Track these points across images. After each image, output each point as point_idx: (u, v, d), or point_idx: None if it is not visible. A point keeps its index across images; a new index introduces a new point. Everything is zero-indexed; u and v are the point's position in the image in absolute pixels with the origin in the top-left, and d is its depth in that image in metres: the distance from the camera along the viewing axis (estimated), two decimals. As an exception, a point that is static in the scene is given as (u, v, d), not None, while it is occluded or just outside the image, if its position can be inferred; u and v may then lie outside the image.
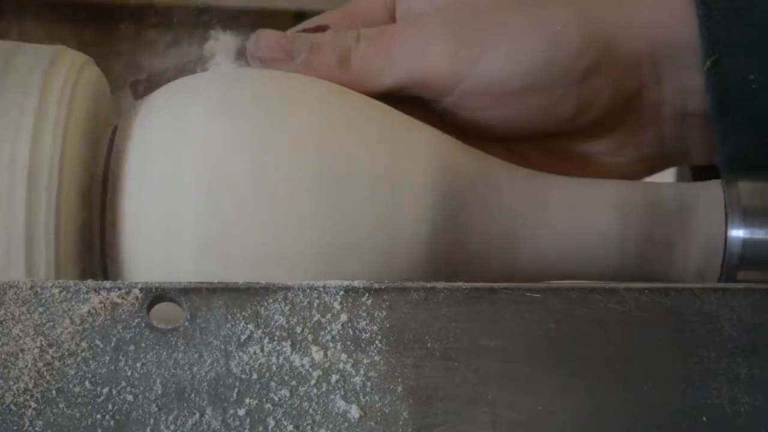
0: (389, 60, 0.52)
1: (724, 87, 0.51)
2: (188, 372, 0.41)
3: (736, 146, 0.53)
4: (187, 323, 0.42)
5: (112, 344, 0.42)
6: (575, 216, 0.51)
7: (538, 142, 0.56)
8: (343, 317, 0.43)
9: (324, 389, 0.42)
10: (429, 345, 0.43)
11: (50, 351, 0.41)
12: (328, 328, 0.43)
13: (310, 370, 0.42)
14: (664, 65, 0.53)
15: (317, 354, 0.42)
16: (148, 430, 0.41)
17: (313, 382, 0.42)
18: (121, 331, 0.42)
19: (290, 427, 0.41)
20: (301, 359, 0.42)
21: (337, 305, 0.43)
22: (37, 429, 0.40)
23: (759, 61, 0.51)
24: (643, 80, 0.54)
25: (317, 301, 0.43)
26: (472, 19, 0.52)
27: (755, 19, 0.51)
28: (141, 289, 0.42)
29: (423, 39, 0.52)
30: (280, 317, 0.42)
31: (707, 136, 0.55)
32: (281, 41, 0.53)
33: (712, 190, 0.51)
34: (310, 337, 0.42)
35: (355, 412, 0.41)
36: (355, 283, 0.43)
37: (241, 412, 0.41)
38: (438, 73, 0.52)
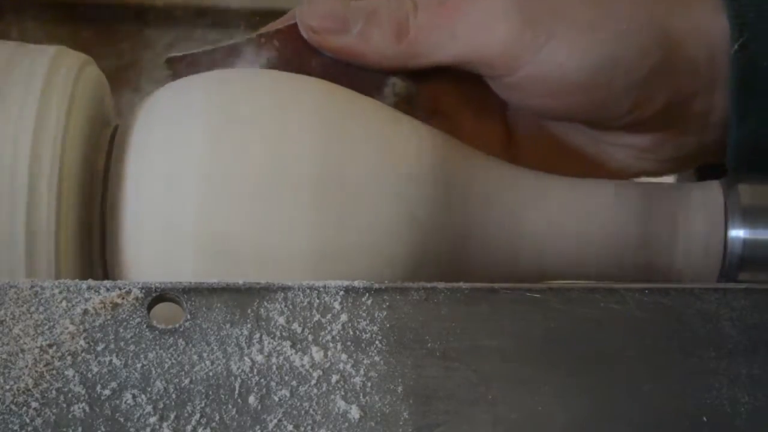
0: (450, 34, 0.51)
1: (748, 70, 0.51)
2: (188, 372, 0.41)
3: (750, 130, 0.52)
4: (187, 323, 0.42)
5: (113, 344, 0.42)
6: (576, 217, 0.51)
7: (581, 130, 0.55)
8: (343, 317, 0.43)
9: (324, 389, 0.42)
10: (429, 345, 0.43)
11: (50, 351, 0.41)
12: (328, 328, 0.43)
13: (310, 370, 0.42)
14: (720, 73, 0.52)
15: (317, 354, 0.42)
16: (149, 430, 0.41)
17: (313, 382, 0.42)
18: (121, 331, 0.42)
19: (290, 427, 0.41)
20: (301, 359, 0.42)
21: (337, 305, 0.43)
22: (37, 429, 0.40)
23: None
24: (699, 87, 0.52)
25: (317, 301, 0.43)
26: (542, 1, 0.51)
27: None
28: (141, 289, 0.42)
29: (488, 15, 0.50)
30: (280, 317, 0.42)
31: None
32: (336, 10, 0.51)
33: (713, 191, 0.51)
34: (310, 337, 0.42)
35: (355, 412, 0.41)
36: (355, 283, 0.43)
37: (242, 412, 0.41)
38: (499, 55, 0.51)
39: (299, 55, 0.52)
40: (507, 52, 0.51)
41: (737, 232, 0.50)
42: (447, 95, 0.55)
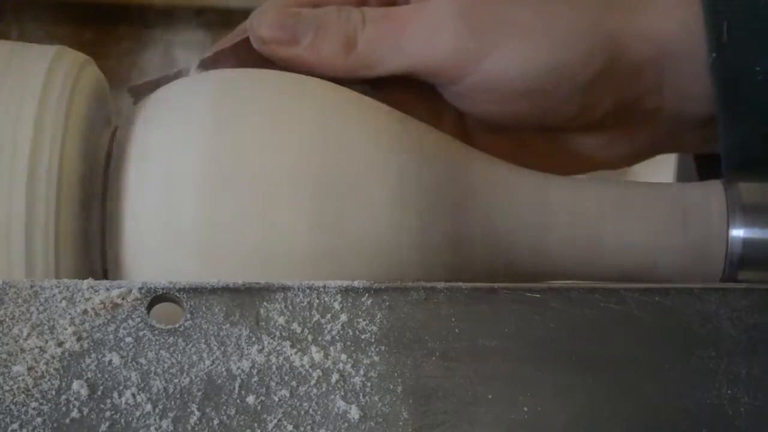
0: (396, 47, 0.52)
1: (728, 78, 0.51)
2: (188, 372, 0.41)
3: (738, 138, 0.52)
4: (186, 323, 0.42)
5: (112, 344, 0.42)
6: (575, 216, 0.51)
7: (536, 132, 0.56)
8: (343, 317, 0.43)
9: (324, 389, 0.42)
10: (429, 345, 0.43)
11: (50, 351, 0.41)
12: (328, 328, 0.43)
13: (310, 370, 0.42)
14: (667, 72, 0.53)
15: (317, 354, 0.42)
16: (148, 430, 0.41)
17: (312, 382, 0.42)
18: (121, 330, 0.42)
19: (290, 428, 0.41)
20: (301, 359, 0.42)
21: (336, 305, 0.43)
22: (37, 429, 0.40)
23: (764, 53, 0.51)
24: (646, 87, 0.53)
25: (317, 301, 0.43)
26: (485, 9, 0.52)
27: (761, 9, 0.51)
28: (141, 289, 0.42)
29: (433, 28, 0.51)
30: (280, 317, 0.42)
31: (699, 134, 0.55)
32: (286, 22, 0.52)
33: (713, 190, 0.51)
34: (309, 338, 0.42)
35: (355, 412, 0.41)
36: (355, 283, 0.43)
37: (241, 412, 0.41)
38: (445, 65, 0.52)
39: (256, 67, 0.52)
40: (451, 63, 0.52)
41: (738, 232, 0.50)
42: (404, 100, 0.55)
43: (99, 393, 0.41)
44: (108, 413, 0.41)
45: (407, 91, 0.54)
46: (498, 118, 0.54)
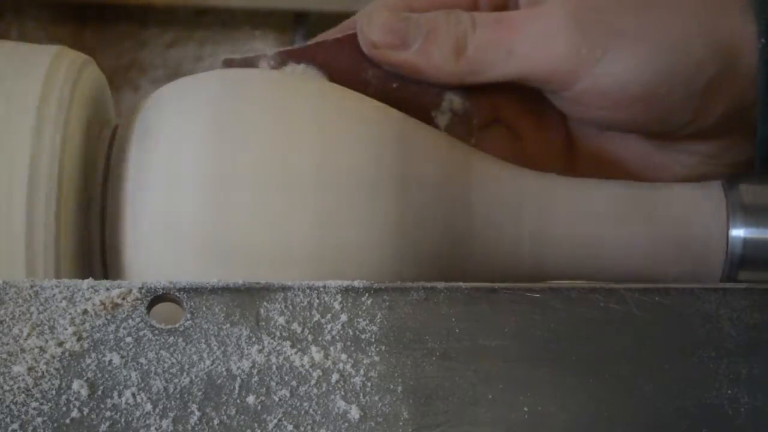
0: (509, 52, 0.51)
1: None
2: (188, 372, 0.41)
3: None
4: (187, 323, 0.42)
5: (112, 344, 0.42)
6: (576, 217, 0.51)
7: (644, 139, 0.55)
8: (343, 317, 0.43)
9: (324, 389, 0.42)
10: (429, 345, 0.43)
11: (50, 351, 0.41)
12: (328, 328, 0.43)
13: (310, 370, 0.42)
14: None
15: (317, 354, 0.42)
16: (149, 429, 0.41)
17: (313, 382, 0.42)
18: (121, 331, 0.42)
19: (290, 427, 0.41)
20: (301, 359, 0.42)
21: (337, 305, 0.43)
22: (37, 429, 0.40)
23: None
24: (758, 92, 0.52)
25: (317, 301, 0.43)
26: (597, 15, 0.51)
27: None
28: (141, 289, 0.42)
29: (545, 33, 0.51)
30: (280, 317, 0.42)
31: None
32: (397, 26, 0.52)
33: (714, 190, 0.51)
34: (310, 337, 0.42)
35: (355, 412, 0.41)
36: (355, 283, 0.43)
37: (241, 411, 0.41)
38: (557, 70, 0.51)
39: (356, 65, 0.53)
40: (563, 68, 0.51)
41: (738, 232, 0.50)
42: (507, 105, 0.55)
43: (99, 393, 0.41)
44: (108, 413, 0.41)
45: (510, 97, 0.54)
46: (610, 123, 0.53)
